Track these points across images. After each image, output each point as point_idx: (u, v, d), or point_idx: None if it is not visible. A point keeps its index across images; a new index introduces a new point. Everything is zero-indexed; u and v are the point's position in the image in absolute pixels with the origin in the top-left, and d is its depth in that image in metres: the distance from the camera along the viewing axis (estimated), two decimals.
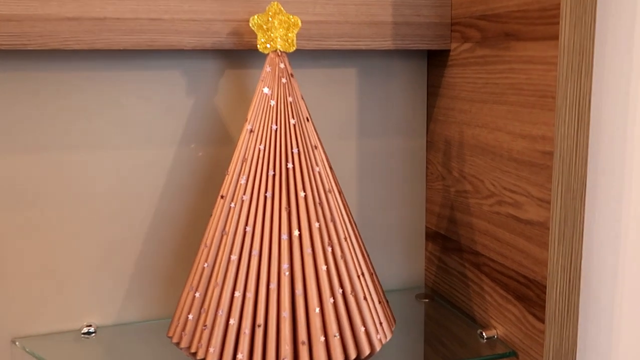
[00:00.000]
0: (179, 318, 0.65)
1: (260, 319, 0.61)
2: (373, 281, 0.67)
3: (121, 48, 0.66)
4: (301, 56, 0.79)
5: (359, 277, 0.64)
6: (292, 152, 0.63)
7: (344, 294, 0.63)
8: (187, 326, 0.64)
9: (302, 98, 0.66)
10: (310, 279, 0.62)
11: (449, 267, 0.83)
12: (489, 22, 0.71)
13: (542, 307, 0.65)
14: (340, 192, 0.66)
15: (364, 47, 0.75)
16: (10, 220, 0.71)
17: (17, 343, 0.72)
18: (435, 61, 0.83)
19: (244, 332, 0.61)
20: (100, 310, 0.76)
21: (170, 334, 0.66)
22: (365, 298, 0.65)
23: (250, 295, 0.61)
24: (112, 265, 0.75)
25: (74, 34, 0.65)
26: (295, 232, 0.62)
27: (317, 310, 0.61)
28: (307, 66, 0.79)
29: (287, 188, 0.63)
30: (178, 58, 0.74)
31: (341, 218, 0.65)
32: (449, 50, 0.79)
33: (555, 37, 0.61)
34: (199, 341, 0.62)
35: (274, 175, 0.62)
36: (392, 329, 0.68)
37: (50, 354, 0.70)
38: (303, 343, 0.61)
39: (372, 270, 0.68)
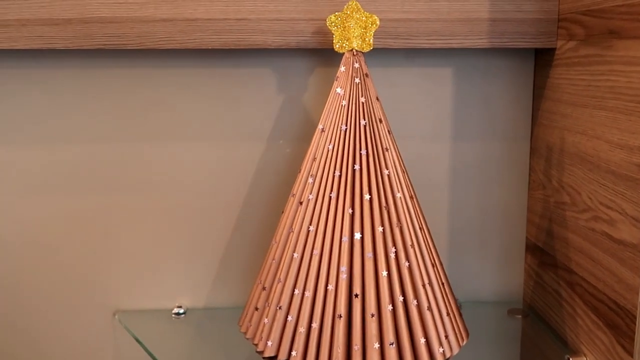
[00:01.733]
0: (248, 309, 0.67)
1: (316, 319, 0.61)
2: (442, 292, 0.64)
3: (210, 47, 0.70)
4: (392, 54, 0.77)
5: (424, 286, 0.62)
6: (360, 154, 0.62)
7: (405, 302, 0.61)
8: (254, 318, 0.66)
9: (378, 99, 0.64)
10: (369, 283, 0.60)
11: (545, 284, 0.77)
12: (594, 18, 0.64)
13: (632, 339, 0.58)
14: (412, 197, 0.64)
15: (456, 46, 0.71)
16: (119, 205, 0.78)
17: (116, 316, 0.79)
18: (542, 60, 0.76)
19: (300, 331, 0.61)
20: (191, 293, 0.81)
21: (240, 324, 0.68)
22: (429, 308, 0.62)
23: (308, 294, 0.61)
24: (205, 252, 0.80)
25: (168, 34, 0.69)
26: (357, 235, 0.61)
27: (374, 315, 0.60)
28: (399, 65, 0.77)
29: (352, 190, 0.62)
30: (270, 56, 0.76)
31: (409, 224, 0.63)
32: (555, 49, 0.73)
33: None
34: (261, 333, 0.64)
35: (339, 176, 0.62)
36: (462, 343, 0.65)
37: (142, 329, 0.75)
38: (357, 348, 0.60)
39: (442, 280, 0.65)
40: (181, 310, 0.79)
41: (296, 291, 0.62)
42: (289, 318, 0.62)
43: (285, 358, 0.62)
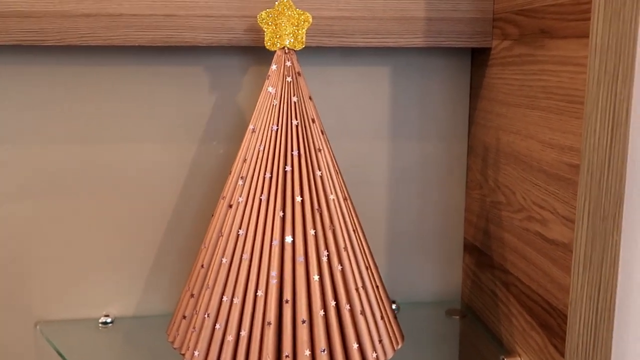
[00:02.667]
0: (176, 317, 0.65)
1: (245, 327, 0.58)
2: (376, 295, 0.62)
3: (137, 44, 0.67)
4: (328, 53, 0.75)
5: (357, 289, 0.60)
6: (291, 155, 0.60)
7: (337, 307, 0.60)
8: (182, 326, 0.63)
9: (311, 98, 0.62)
10: (300, 288, 0.59)
11: (482, 284, 0.76)
12: (527, 18, 0.64)
13: (563, 339, 0.58)
14: (346, 199, 0.62)
15: (392, 45, 0.70)
16: (40, 209, 0.74)
17: (38, 327, 0.75)
18: (478, 60, 0.76)
19: (228, 339, 0.59)
20: (120, 301, 0.77)
21: (168, 332, 0.66)
22: (362, 312, 0.60)
23: (237, 301, 0.59)
24: (133, 257, 0.76)
25: (91, 30, 0.66)
26: (288, 239, 0.59)
27: (305, 322, 0.58)
28: (336, 64, 0.76)
29: (283, 192, 0.60)
30: (201, 54, 0.73)
31: (342, 226, 0.61)
32: (490, 49, 0.72)
33: (586, 34, 0.53)
34: (188, 342, 0.61)
35: (270, 178, 0.60)
36: (397, 347, 0.64)
37: (67, 341, 0.72)
38: (287, 356, 0.58)
39: (376, 284, 0.63)
40: (109, 320, 0.75)
41: (225, 298, 0.59)
42: (217, 326, 0.59)
43: None
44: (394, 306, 0.79)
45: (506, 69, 0.69)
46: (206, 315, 0.60)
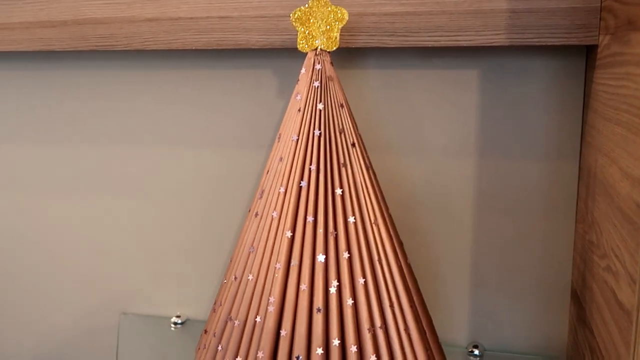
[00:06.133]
0: (203, 330, 0.62)
1: (242, 354, 0.54)
2: (401, 338, 0.53)
3: (193, 48, 0.66)
4: (404, 54, 0.66)
5: (371, 330, 0.52)
6: (308, 169, 0.54)
7: (342, 347, 0.52)
8: (202, 341, 0.60)
9: (343, 106, 0.55)
10: (301, 320, 0.52)
11: (579, 342, 0.61)
12: (621, 4, 0.48)
13: None
14: (374, 224, 0.54)
15: (465, 44, 0.59)
16: (131, 210, 0.77)
17: (119, 318, 0.78)
18: (590, 61, 0.60)
19: None
20: (195, 304, 0.77)
21: (197, 346, 0.63)
22: (376, 357, 0.52)
23: (238, 324, 0.54)
24: (211, 260, 0.76)
25: (153, 34, 0.67)
26: (294, 262, 0.53)
27: (300, 359, 0.51)
28: (415, 66, 0.66)
29: (295, 210, 0.54)
30: (272, 57, 0.70)
31: (363, 254, 0.53)
32: (597, 46, 0.57)
33: None
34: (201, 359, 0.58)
35: (284, 193, 0.54)
36: None
37: (131, 334, 0.74)
38: None
39: (405, 325, 0.53)
40: (179, 321, 0.76)
41: (229, 318, 0.55)
42: (219, 348, 0.55)
43: None
44: (476, 352, 0.67)
45: (606, 72, 0.53)
46: (213, 335, 0.56)
